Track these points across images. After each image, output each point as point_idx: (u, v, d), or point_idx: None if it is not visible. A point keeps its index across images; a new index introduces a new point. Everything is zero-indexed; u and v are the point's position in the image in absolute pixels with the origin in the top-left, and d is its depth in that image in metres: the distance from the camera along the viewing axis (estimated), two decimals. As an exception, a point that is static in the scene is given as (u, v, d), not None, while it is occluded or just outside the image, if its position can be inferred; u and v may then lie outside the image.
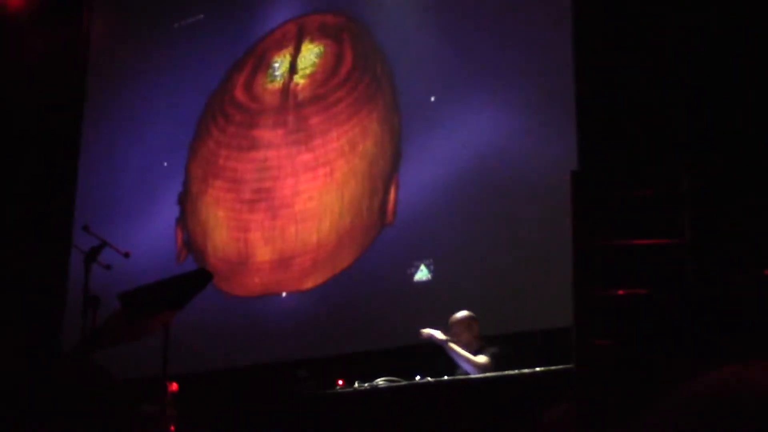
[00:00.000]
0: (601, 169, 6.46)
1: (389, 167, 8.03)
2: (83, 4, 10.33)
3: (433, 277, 7.61)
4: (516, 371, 5.81)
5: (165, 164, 9.45)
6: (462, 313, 6.76)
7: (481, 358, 6.50)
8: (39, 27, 10.03)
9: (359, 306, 7.89)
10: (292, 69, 8.81)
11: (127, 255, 5.90)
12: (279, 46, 9.05)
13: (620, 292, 3.75)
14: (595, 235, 4.02)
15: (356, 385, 6.36)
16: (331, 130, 8.35)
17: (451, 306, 7.09)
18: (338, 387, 6.46)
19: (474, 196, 7.53)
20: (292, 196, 8.42)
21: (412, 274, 7.70)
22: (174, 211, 9.21)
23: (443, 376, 6.24)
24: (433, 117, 7.90)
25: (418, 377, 6.39)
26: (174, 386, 5.27)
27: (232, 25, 9.47)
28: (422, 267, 7.66)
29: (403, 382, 6.30)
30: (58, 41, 10.12)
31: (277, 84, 8.86)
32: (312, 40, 8.85)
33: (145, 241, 8.93)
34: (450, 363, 6.50)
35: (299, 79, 8.73)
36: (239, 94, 9.08)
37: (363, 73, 8.37)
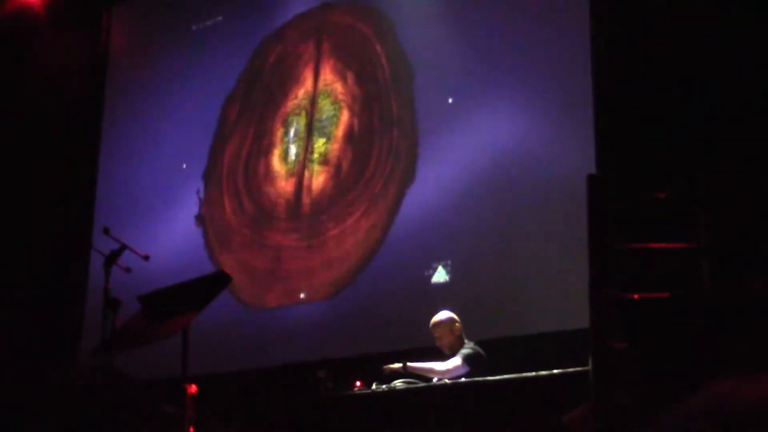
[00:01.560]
0: (618, 172, 6.46)
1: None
2: (103, 9, 10.40)
3: (450, 278, 7.62)
4: (533, 373, 5.83)
5: (184, 166, 9.49)
6: (443, 315, 6.76)
7: (447, 363, 6.50)
8: (59, 32, 10.10)
9: (377, 307, 7.91)
10: (308, 146, 8.69)
11: (146, 258, 5.94)
12: (295, 79, 8.94)
13: (635, 295, 3.77)
14: (612, 238, 4.03)
15: (374, 386, 6.38)
16: (346, 230, 8.24)
17: (469, 307, 7.12)
18: (356, 388, 6.49)
19: (491, 197, 7.54)
20: (308, 280, 8.38)
21: (430, 276, 7.72)
22: (193, 211, 9.26)
23: (460, 378, 6.26)
24: (451, 119, 7.91)
25: (435, 379, 6.41)
26: (193, 388, 5.29)
27: (251, 25, 9.49)
28: (440, 268, 7.68)
29: (421, 384, 6.32)
30: (78, 45, 10.18)
31: (291, 166, 8.76)
32: (328, 93, 8.70)
33: (165, 243, 8.98)
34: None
35: (314, 165, 8.60)
36: (253, 174, 8.94)
37: (380, 151, 8.28)
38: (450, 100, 7.99)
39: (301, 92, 8.91)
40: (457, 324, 6.72)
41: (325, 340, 8.06)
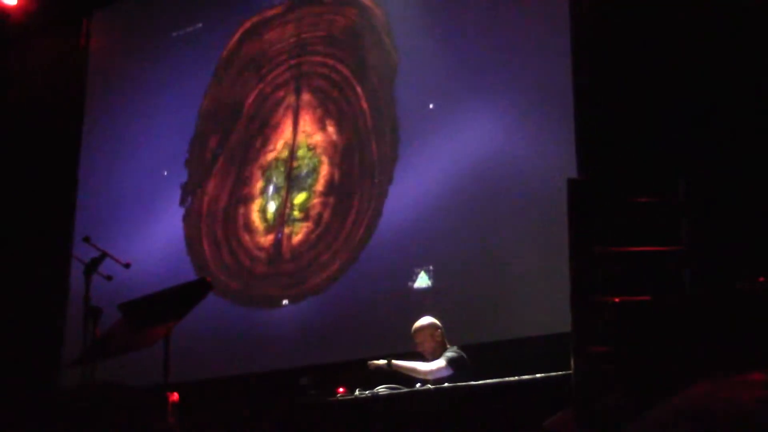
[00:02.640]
0: (599, 177, 6.48)
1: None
2: (83, 16, 10.36)
3: (432, 283, 7.63)
4: (516, 378, 5.84)
5: (165, 173, 9.46)
6: (424, 321, 6.78)
7: (432, 363, 6.51)
8: (39, 38, 10.06)
9: (360, 313, 7.91)
10: (287, 203, 8.60)
11: (127, 266, 5.91)
12: (274, 128, 8.86)
13: (617, 299, 3.78)
14: (593, 242, 4.04)
15: (357, 392, 6.37)
16: (329, 277, 8.19)
17: (452, 312, 7.12)
18: (339, 394, 6.48)
19: (473, 203, 7.55)
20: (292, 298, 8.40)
21: (412, 281, 7.71)
22: (177, 219, 9.23)
23: (444, 384, 6.25)
24: (432, 124, 7.92)
25: (418, 384, 6.40)
26: (175, 396, 5.26)
27: (231, 32, 9.48)
28: (422, 274, 7.68)
29: (404, 390, 6.32)
30: (58, 52, 10.14)
31: (271, 223, 8.65)
32: (308, 146, 8.59)
33: (146, 251, 8.94)
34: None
35: (294, 224, 8.53)
36: (233, 226, 8.84)
37: (360, 201, 8.23)
38: (431, 106, 8.00)
39: (280, 144, 8.81)
40: (438, 330, 6.73)
41: (307, 346, 8.05)
